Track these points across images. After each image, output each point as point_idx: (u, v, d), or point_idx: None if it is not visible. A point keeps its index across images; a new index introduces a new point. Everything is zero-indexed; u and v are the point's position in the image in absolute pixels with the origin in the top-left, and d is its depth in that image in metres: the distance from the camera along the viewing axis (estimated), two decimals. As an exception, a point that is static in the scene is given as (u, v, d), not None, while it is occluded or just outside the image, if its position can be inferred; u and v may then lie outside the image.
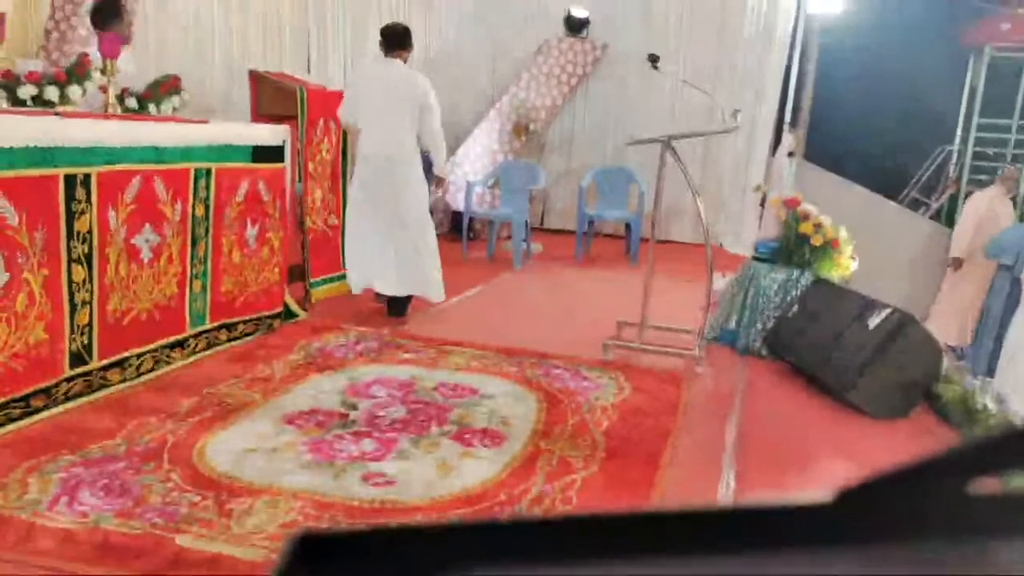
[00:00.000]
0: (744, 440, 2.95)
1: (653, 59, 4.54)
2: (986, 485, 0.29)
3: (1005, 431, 0.31)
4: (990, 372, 5.10)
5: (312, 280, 4.37)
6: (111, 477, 2.28)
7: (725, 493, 2.49)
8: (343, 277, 4.64)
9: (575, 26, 7.51)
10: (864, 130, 10.93)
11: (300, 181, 4.26)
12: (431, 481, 2.42)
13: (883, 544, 0.28)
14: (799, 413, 3.34)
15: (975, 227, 6.09)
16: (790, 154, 6.00)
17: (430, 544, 0.26)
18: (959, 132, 10.29)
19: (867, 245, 4.42)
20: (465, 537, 0.26)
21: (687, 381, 3.54)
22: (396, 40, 4.10)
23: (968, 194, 9.36)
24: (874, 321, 3.36)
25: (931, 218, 8.96)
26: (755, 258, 4.28)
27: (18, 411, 2.57)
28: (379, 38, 4.16)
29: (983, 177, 9.92)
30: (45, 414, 2.65)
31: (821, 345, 3.52)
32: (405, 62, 4.16)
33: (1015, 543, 0.29)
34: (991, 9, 9.82)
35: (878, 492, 0.28)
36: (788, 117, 7.47)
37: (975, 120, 9.82)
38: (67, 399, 2.76)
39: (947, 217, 9.91)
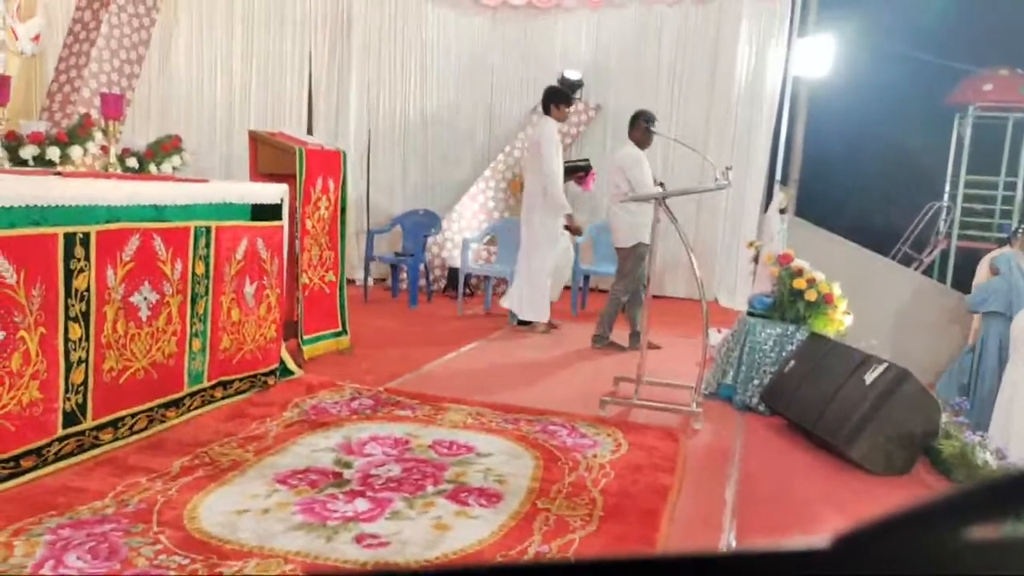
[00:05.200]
0: (744, 497, 2.91)
1: (647, 119, 4.65)
2: (981, 531, 0.30)
3: (999, 479, 0.31)
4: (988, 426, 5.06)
5: (304, 337, 4.35)
6: (99, 539, 2.23)
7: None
8: (339, 334, 4.64)
9: (569, 88, 7.69)
10: (854, 187, 11.11)
11: (297, 239, 4.29)
12: (425, 542, 2.37)
13: (881, 592, 0.28)
14: (798, 469, 3.30)
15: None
16: (781, 211, 6.08)
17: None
18: (947, 188, 10.46)
19: (860, 301, 4.44)
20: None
21: (685, 437, 3.50)
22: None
23: (962, 250, 9.44)
24: (871, 376, 3.35)
25: (923, 273, 9.02)
26: (750, 313, 4.29)
27: (6, 472, 2.52)
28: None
29: (973, 232, 10.04)
30: (34, 474, 2.61)
31: (818, 400, 3.50)
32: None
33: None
34: (973, 70, 10.11)
35: (874, 538, 0.28)
36: (779, 174, 7.60)
37: (963, 177, 10.00)
38: (58, 459, 2.72)
39: (939, 272, 9.98)
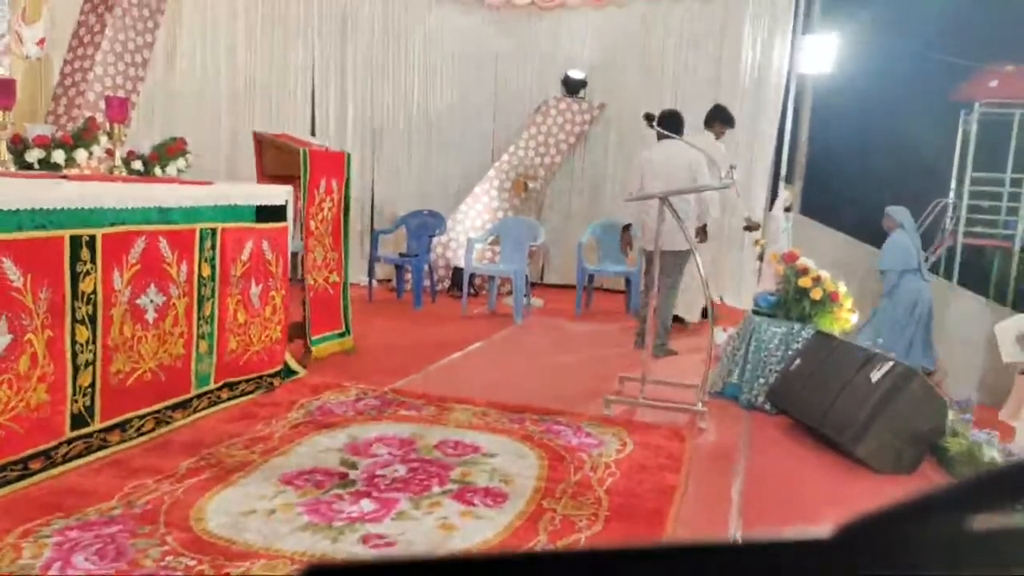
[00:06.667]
0: (750, 496, 2.90)
1: (649, 118, 4.65)
2: (986, 521, 0.29)
3: (1003, 468, 0.31)
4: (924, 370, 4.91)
5: (313, 338, 4.36)
6: (106, 541, 2.24)
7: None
8: (343, 334, 4.65)
9: (572, 87, 7.68)
10: (859, 184, 11.07)
11: (301, 239, 4.30)
12: (431, 542, 2.38)
13: (885, 582, 0.28)
14: (804, 468, 3.29)
15: None
16: (787, 209, 6.05)
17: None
18: (953, 185, 10.41)
19: (865, 299, 4.42)
20: (470, 572, 0.26)
21: (690, 436, 3.50)
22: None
23: (968, 247, 9.38)
24: (876, 374, 3.34)
25: (929, 270, 8.97)
26: (755, 312, 4.28)
27: (15, 474, 2.53)
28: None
29: (979, 229, 9.99)
30: (42, 476, 2.62)
31: (824, 399, 3.49)
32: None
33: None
34: (979, 67, 10.08)
35: (877, 527, 0.28)
36: (783, 172, 7.59)
37: (968, 174, 9.94)
38: (65, 461, 2.73)
39: (945, 269, 9.94)
